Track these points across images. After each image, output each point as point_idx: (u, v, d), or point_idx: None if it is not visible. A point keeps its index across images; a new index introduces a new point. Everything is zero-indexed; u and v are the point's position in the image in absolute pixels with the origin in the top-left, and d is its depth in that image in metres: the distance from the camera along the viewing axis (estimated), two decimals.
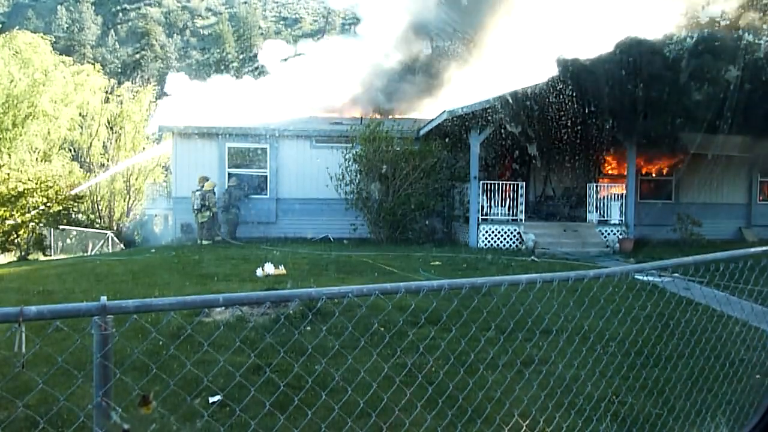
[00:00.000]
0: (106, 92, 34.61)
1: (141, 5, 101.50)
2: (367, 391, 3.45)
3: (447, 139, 15.11)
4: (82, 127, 33.37)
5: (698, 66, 12.34)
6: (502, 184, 15.09)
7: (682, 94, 12.57)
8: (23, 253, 19.55)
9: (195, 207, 14.96)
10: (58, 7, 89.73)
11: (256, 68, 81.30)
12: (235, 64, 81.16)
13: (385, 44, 26.46)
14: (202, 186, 15.02)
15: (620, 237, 14.59)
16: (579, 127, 14.34)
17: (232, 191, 15.75)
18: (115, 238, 23.45)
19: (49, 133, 30.74)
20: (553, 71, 13.24)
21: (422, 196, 14.38)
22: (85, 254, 20.38)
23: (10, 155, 26.77)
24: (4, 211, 18.71)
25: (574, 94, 13.18)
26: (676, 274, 7.63)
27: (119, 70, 72.47)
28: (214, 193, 15.15)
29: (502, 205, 14.90)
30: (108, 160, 34.26)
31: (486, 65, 21.09)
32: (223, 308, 5.90)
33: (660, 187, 17.67)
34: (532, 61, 17.45)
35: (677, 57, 12.62)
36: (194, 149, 16.52)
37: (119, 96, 35.35)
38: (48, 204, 19.72)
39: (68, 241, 22.55)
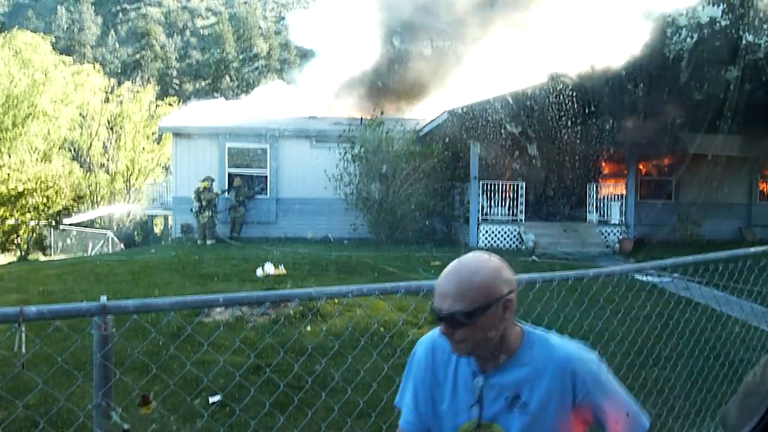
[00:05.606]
0: (106, 92, 34.64)
1: (141, 5, 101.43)
2: (367, 390, 3.45)
3: (447, 139, 15.11)
4: (82, 127, 33.38)
5: (698, 66, 12.34)
6: (502, 184, 15.09)
7: (682, 94, 12.58)
8: (23, 253, 19.54)
9: (195, 208, 14.96)
10: (58, 7, 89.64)
11: (256, 68, 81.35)
12: (235, 64, 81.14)
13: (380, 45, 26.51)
14: (200, 187, 15.02)
15: (620, 237, 14.59)
16: (579, 128, 14.34)
17: (239, 190, 15.79)
18: (115, 238, 23.45)
19: (49, 133, 30.73)
20: (554, 73, 13.25)
21: (422, 197, 14.37)
22: (85, 254, 20.38)
23: (10, 155, 26.76)
24: (4, 211, 18.70)
25: (575, 95, 13.19)
26: (676, 274, 7.63)
27: (119, 70, 72.40)
28: (211, 191, 15.12)
29: (501, 205, 14.91)
30: (108, 160, 34.29)
31: (487, 65, 21.10)
32: (223, 308, 5.90)
33: (660, 187, 17.66)
34: (533, 61, 17.44)
35: (677, 57, 12.63)
36: (194, 149, 16.52)
37: (119, 96, 35.38)
38: (48, 204, 19.72)
39: (68, 241, 22.55)
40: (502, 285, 1.36)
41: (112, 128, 34.43)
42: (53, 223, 19.93)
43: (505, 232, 14.61)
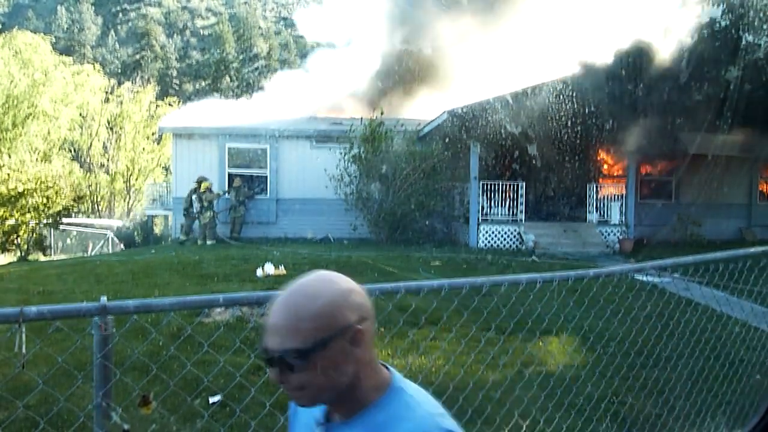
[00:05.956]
0: (106, 92, 34.69)
1: (141, 5, 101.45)
2: None
3: (447, 139, 15.10)
4: (82, 127, 33.43)
5: (698, 66, 12.36)
6: (502, 184, 15.08)
7: (682, 94, 12.59)
8: (23, 254, 19.54)
9: (195, 209, 14.95)
10: (58, 7, 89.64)
11: (256, 68, 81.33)
12: (235, 64, 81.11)
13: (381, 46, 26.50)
14: (198, 187, 15.01)
15: (620, 237, 14.59)
16: (579, 128, 14.35)
17: (239, 190, 15.80)
18: (115, 238, 23.45)
19: (49, 133, 30.76)
20: (554, 73, 13.27)
21: (422, 197, 14.36)
22: (86, 254, 20.38)
23: (10, 155, 26.75)
24: (4, 211, 18.70)
25: (575, 95, 13.19)
26: (676, 274, 7.63)
27: (119, 70, 72.41)
28: (212, 191, 15.13)
29: (502, 206, 14.90)
30: (108, 160, 34.32)
31: (486, 64, 21.10)
32: (223, 308, 5.90)
33: (660, 188, 17.64)
34: (532, 60, 17.45)
35: (677, 57, 12.64)
36: (194, 149, 16.52)
37: (119, 96, 35.44)
38: (48, 204, 19.72)
39: (68, 241, 22.55)
40: (349, 312, 1.06)
41: (112, 128, 34.48)
42: (53, 223, 19.95)
43: (505, 232, 14.60)
